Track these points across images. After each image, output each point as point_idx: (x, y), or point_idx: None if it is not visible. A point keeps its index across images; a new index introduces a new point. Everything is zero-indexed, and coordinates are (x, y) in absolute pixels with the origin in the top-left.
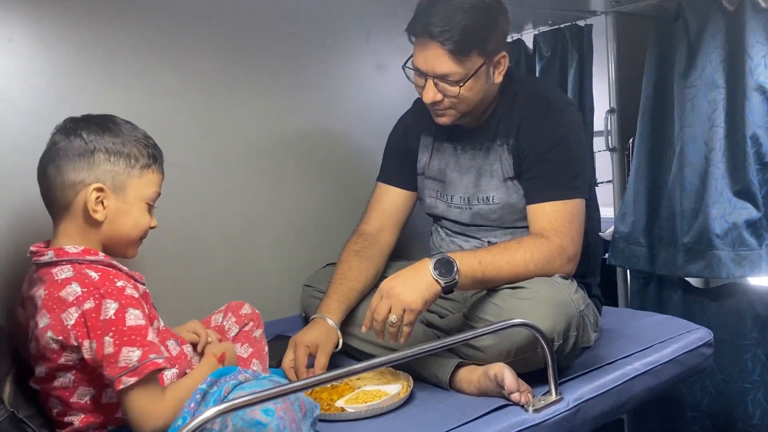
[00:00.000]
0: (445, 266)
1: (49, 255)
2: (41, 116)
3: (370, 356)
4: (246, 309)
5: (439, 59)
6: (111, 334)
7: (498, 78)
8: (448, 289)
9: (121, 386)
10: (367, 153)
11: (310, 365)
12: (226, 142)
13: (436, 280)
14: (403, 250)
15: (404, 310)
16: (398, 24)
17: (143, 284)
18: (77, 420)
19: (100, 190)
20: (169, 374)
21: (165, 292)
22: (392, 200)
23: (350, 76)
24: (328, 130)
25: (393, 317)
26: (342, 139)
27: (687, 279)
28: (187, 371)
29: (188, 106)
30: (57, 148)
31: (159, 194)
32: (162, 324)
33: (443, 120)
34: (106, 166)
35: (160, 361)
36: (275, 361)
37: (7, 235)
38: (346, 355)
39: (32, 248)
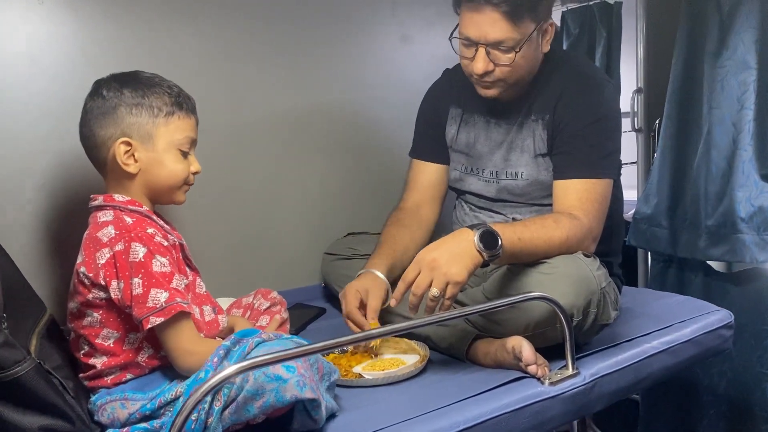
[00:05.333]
0: (489, 238)
1: (98, 200)
2: (68, 77)
3: (389, 324)
4: (274, 294)
5: (493, 24)
6: (140, 276)
7: (546, 47)
8: (485, 263)
9: (149, 326)
10: (390, 124)
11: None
12: (248, 110)
13: (480, 252)
14: None
15: (447, 283)
16: None
17: (181, 242)
18: (100, 363)
19: (127, 143)
20: None
21: None
22: (427, 176)
23: (375, 47)
24: (352, 102)
25: (435, 290)
26: (365, 110)
27: (709, 262)
28: (216, 339)
29: (212, 73)
30: (85, 110)
31: (193, 139)
32: (204, 289)
33: (490, 92)
34: (130, 119)
35: (185, 305)
36: (294, 329)
37: (37, 194)
38: None
39: (91, 196)
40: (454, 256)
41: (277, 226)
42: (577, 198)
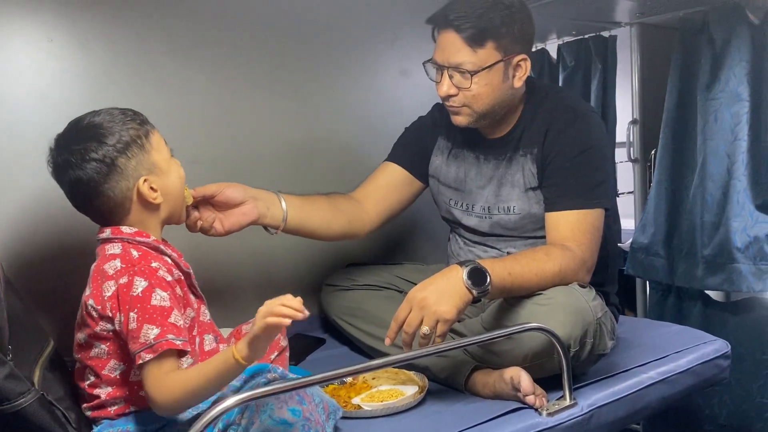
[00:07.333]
0: (477, 275)
1: (106, 233)
2: (77, 113)
3: (384, 355)
4: None
5: (454, 46)
6: (136, 310)
7: (517, 83)
8: (477, 299)
9: (140, 361)
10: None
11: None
12: (251, 142)
13: (469, 289)
14: (419, 253)
15: (437, 321)
16: (424, 30)
17: (188, 271)
18: (104, 393)
19: (145, 180)
20: (185, 365)
21: None
22: (387, 175)
23: (376, 81)
24: (353, 133)
25: (425, 329)
26: (366, 141)
27: (707, 292)
28: None
29: (216, 107)
30: (83, 181)
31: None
32: (208, 317)
33: (459, 119)
34: (131, 162)
35: (179, 342)
36: (294, 359)
37: (42, 227)
38: (358, 352)
39: (99, 228)
40: (443, 294)
41: (277, 256)
42: (569, 229)
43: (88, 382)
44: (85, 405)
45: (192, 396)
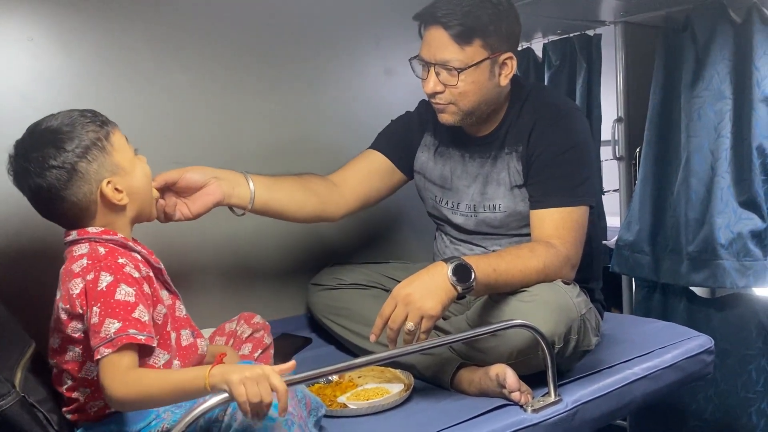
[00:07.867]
0: (462, 272)
1: (72, 235)
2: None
3: (369, 353)
4: (257, 319)
5: (441, 43)
6: (99, 304)
7: (504, 81)
8: (461, 296)
9: (98, 357)
10: None
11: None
12: (235, 142)
13: (454, 286)
14: (405, 251)
15: (422, 317)
16: (408, 30)
17: (159, 267)
18: (83, 396)
19: (108, 183)
20: (161, 361)
21: None
22: (369, 162)
23: (360, 80)
24: (338, 133)
25: (410, 325)
26: (351, 141)
27: (692, 288)
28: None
29: (200, 107)
30: (44, 189)
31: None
32: (184, 312)
33: (445, 117)
34: (93, 165)
35: (141, 337)
36: (280, 359)
37: (24, 228)
38: (345, 351)
39: (65, 231)
40: (428, 290)
41: (262, 257)
42: (554, 227)
43: (65, 386)
44: (65, 409)
45: (150, 398)
